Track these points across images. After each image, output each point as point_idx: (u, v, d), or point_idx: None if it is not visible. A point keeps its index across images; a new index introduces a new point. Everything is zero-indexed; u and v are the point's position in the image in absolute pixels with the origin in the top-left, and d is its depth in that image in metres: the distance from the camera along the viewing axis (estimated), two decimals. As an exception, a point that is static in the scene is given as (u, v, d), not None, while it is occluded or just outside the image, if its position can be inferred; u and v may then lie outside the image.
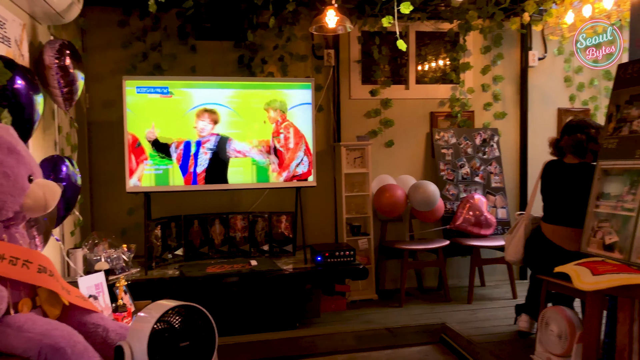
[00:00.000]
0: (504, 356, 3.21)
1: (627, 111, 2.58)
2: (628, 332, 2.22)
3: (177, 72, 4.35)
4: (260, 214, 4.28)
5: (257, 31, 4.38)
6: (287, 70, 4.56)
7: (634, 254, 2.33)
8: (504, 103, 5.14)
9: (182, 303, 1.85)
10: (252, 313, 3.75)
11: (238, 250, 4.22)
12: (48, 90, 2.98)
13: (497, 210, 4.90)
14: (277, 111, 4.01)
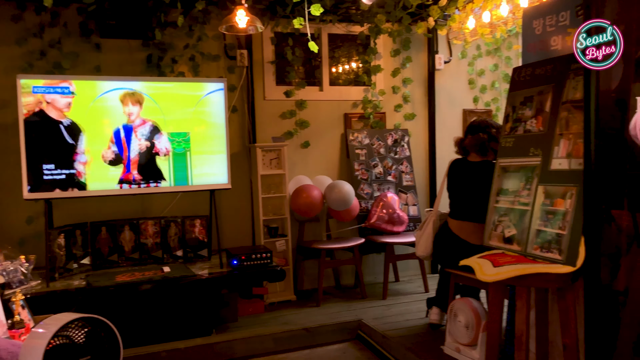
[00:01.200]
0: (416, 348, 3.33)
1: (522, 112, 2.76)
2: (525, 319, 2.37)
3: (81, 71, 4.11)
4: (172, 218, 4.14)
5: (166, 30, 4.24)
6: (198, 70, 4.45)
7: (530, 245, 2.50)
8: (414, 104, 5.33)
9: (83, 315, 1.75)
10: (167, 321, 3.62)
11: (150, 257, 4.06)
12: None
13: (409, 208, 5.08)
14: (190, 111, 3.91)
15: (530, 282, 2.34)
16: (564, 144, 2.44)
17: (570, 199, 2.35)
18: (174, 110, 3.90)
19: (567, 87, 2.49)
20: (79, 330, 1.76)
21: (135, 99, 3.79)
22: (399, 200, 4.92)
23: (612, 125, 2.23)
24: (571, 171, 2.37)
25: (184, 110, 3.93)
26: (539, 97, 2.66)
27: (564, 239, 2.33)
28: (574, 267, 2.25)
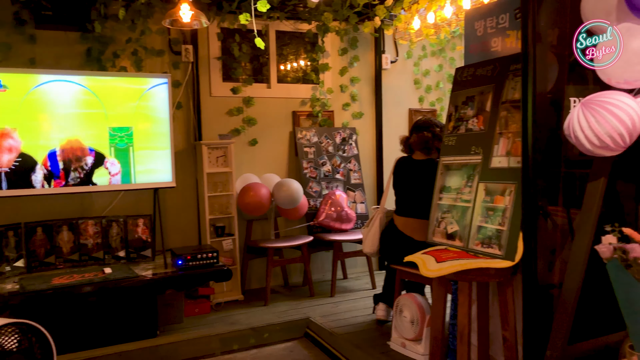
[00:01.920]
0: (363, 345, 3.36)
1: (464, 111, 2.83)
2: (467, 313, 2.43)
3: (14, 63, 3.90)
4: (114, 218, 4.00)
5: (107, 22, 4.09)
6: (141, 66, 4.31)
7: (471, 241, 2.57)
8: (361, 103, 5.38)
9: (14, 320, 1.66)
10: (109, 324, 3.49)
11: (90, 258, 3.90)
12: None
13: (357, 205, 5.12)
14: (132, 105, 3.79)
15: (472, 277, 2.40)
16: (503, 143, 2.52)
17: (509, 196, 2.42)
18: (115, 104, 3.77)
19: (507, 88, 2.57)
20: (10, 336, 1.67)
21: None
22: (347, 198, 4.95)
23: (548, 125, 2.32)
24: (510, 169, 2.45)
25: (126, 104, 3.80)
26: (480, 97, 2.73)
27: (504, 234, 2.40)
28: (513, 261, 2.33)
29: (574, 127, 1.98)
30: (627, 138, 1.91)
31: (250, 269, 4.80)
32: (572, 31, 2.37)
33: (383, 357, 3.16)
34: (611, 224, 1.42)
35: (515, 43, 2.61)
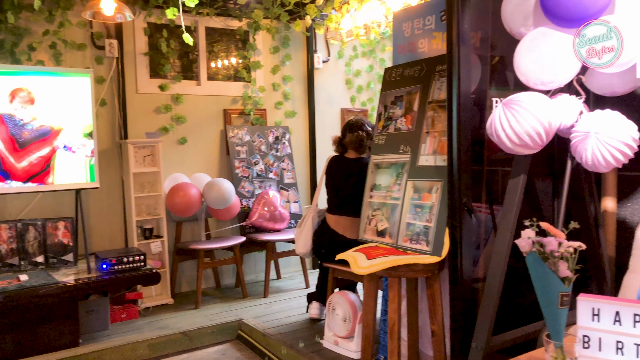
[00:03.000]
0: (296, 344, 3.35)
1: (393, 111, 2.88)
2: (397, 309, 2.47)
3: None
4: (31, 221, 3.75)
5: (21, 13, 3.83)
6: (60, 60, 4.08)
7: (400, 238, 2.61)
8: (294, 102, 5.36)
9: None
10: (26, 335, 3.27)
11: (4, 264, 3.64)
12: None
13: (291, 205, 5.10)
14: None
15: (401, 273, 2.44)
16: (430, 142, 2.58)
17: (436, 193, 2.49)
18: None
19: (433, 88, 2.64)
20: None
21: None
22: (281, 198, 4.92)
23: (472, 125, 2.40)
24: (436, 167, 2.52)
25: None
26: (408, 97, 2.79)
27: (431, 231, 2.46)
28: (440, 257, 2.40)
29: (496, 126, 2.06)
30: (544, 137, 2.00)
31: (180, 271, 4.66)
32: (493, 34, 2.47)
33: (316, 356, 3.16)
34: (530, 219, 1.48)
35: (441, 44, 2.68)
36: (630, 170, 2.26)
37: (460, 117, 2.24)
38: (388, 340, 2.49)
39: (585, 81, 2.07)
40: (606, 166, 1.96)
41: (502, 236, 2.13)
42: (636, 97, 2.24)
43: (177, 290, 4.61)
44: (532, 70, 2.00)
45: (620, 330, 1.33)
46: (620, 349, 1.33)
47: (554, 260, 1.38)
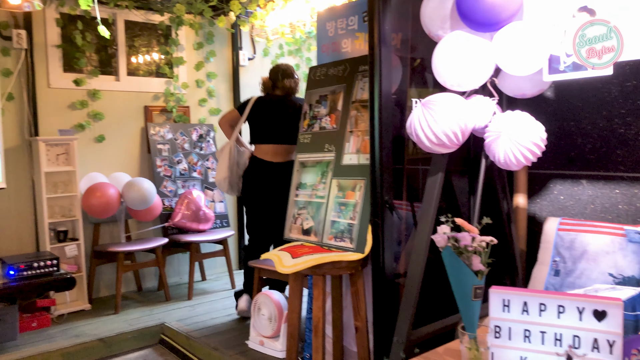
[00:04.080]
0: (221, 346, 3.29)
1: (318, 110, 2.89)
2: (322, 306, 2.49)
3: None
4: None
5: None
6: (-39, 50, 3.78)
7: (325, 236, 2.63)
8: (219, 100, 5.27)
9: None
10: None
11: None
12: None
13: (216, 205, 5.00)
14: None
15: (326, 271, 2.46)
16: (353, 141, 2.62)
17: (360, 191, 2.53)
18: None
19: (356, 88, 2.68)
20: None
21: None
22: (205, 197, 4.81)
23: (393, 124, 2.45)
24: (360, 165, 2.56)
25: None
26: (332, 97, 2.81)
27: (355, 228, 2.50)
28: (363, 254, 2.44)
29: (415, 126, 2.11)
30: (460, 136, 2.08)
31: (98, 275, 4.45)
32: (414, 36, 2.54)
33: (241, 357, 3.12)
34: (445, 215, 1.53)
35: (363, 45, 2.73)
36: (540, 168, 2.40)
37: (382, 116, 2.28)
38: (312, 337, 2.50)
39: (498, 83, 2.17)
40: (517, 164, 2.07)
41: (422, 232, 2.19)
42: (544, 100, 2.38)
43: (95, 295, 4.40)
44: (449, 72, 2.07)
45: (528, 319, 1.40)
46: (527, 337, 1.40)
47: (468, 255, 1.43)
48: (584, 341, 1.34)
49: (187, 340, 3.47)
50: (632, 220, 2.10)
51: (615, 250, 2.02)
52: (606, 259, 2.04)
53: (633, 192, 2.11)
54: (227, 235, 4.69)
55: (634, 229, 1.97)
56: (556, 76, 1.86)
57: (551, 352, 1.37)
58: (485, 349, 1.43)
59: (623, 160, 2.13)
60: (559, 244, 2.19)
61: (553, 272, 2.20)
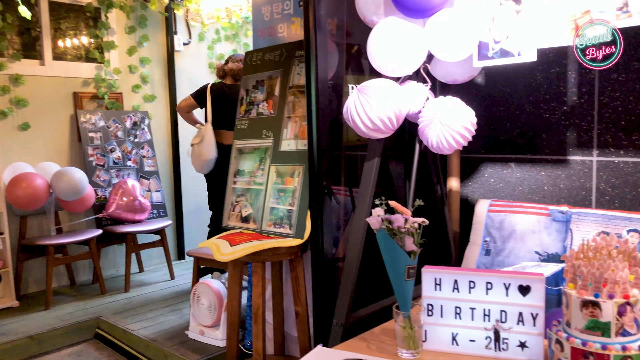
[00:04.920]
0: (159, 338, 3.22)
1: (255, 95, 2.86)
2: (261, 293, 2.48)
3: None
4: None
5: None
6: None
7: (264, 222, 2.62)
8: (153, 86, 5.10)
9: None
10: None
11: None
12: None
13: (152, 194, 4.87)
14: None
15: (265, 258, 2.45)
16: (291, 127, 2.61)
17: (298, 177, 2.53)
18: None
19: (293, 73, 2.66)
20: None
21: None
22: (141, 187, 4.67)
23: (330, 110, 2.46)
24: (298, 151, 2.55)
25: None
26: (269, 82, 2.78)
27: (293, 214, 2.50)
28: (302, 239, 2.44)
29: (351, 111, 2.13)
30: (395, 121, 2.11)
31: (26, 270, 4.24)
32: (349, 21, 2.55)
33: (181, 348, 3.07)
34: (379, 198, 1.55)
35: (299, 30, 2.71)
36: (472, 152, 2.49)
37: (319, 102, 2.28)
38: (252, 324, 2.49)
39: (430, 69, 2.22)
40: (449, 148, 2.13)
41: (359, 216, 2.22)
42: (475, 86, 2.46)
43: (23, 291, 4.19)
44: (383, 57, 2.09)
45: (458, 296, 1.46)
46: (458, 313, 1.46)
47: (401, 236, 1.46)
48: (510, 315, 1.41)
49: (124, 334, 3.37)
50: (556, 201, 2.21)
51: (541, 229, 2.13)
52: (532, 238, 2.14)
53: (557, 173, 2.22)
54: (165, 225, 4.58)
55: (557, 208, 2.08)
56: (485, 62, 1.92)
57: (480, 327, 1.43)
58: (418, 327, 1.47)
59: (548, 143, 2.23)
60: (489, 225, 2.28)
61: (484, 251, 2.29)
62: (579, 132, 2.13)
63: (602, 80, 2.03)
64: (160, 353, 3.08)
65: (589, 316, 1.20)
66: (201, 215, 5.37)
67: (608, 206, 2.05)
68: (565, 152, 2.19)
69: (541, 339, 1.39)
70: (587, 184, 2.13)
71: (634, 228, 1.84)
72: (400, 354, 1.51)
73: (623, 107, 1.98)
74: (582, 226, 2.00)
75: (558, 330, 1.28)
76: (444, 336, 1.48)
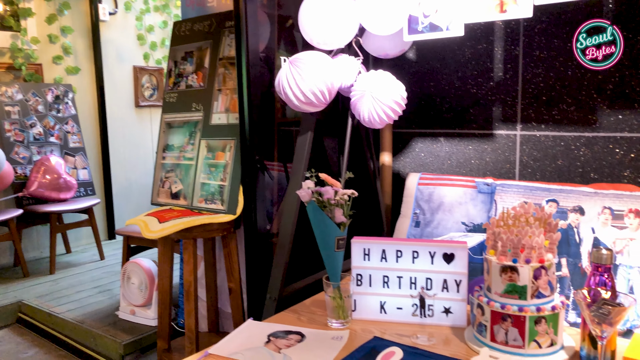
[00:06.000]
0: (88, 320, 3.11)
1: (184, 67, 2.76)
2: (193, 270, 2.43)
3: None
4: None
5: None
6: None
7: (195, 199, 2.55)
8: (77, 57, 4.82)
9: None
10: None
11: None
12: None
13: (78, 172, 4.64)
14: None
15: (196, 234, 2.40)
16: (222, 99, 2.54)
17: (230, 152, 2.47)
18: None
19: (223, 44, 2.59)
20: None
21: None
22: (66, 164, 4.44)
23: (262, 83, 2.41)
24: (229, 125, 2.50)
25: None
26: (198, 53, 2.69)
27: (225, 189, 2.45)
28: (235, 215, 2.40)
29: (283, 84, 2.09)
30: (327, 95, 2.10)
31: (-62, 254, 3.95)
32: (281, -7, 2.49)
33: (111, 329, 2.98)
34: (309, 170, 1.54)
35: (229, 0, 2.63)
36: (403, 127, 2.52)
37: (250, 74, 2.23)
38: (184, 302, 2.44)
39: (363, 43, 2.21)
40: (380, 123, 2.15)
41: (292, 190, 2.20)
42: (407, 61, 2.48)
43: None
44: (315, 29, 2.06)
45: (386, 266, 1.48)
46: (386, 282, 1.48)
47: (331, 208, 1.46)
48: (435, 282, 1.45)
49: (48, 317, 3.23)
50: (483, 174, 2.29)
51: (467, 201, 2.20)
52: (459, 209, 2.21)
53: (484, 147, 2.30)
54: (93, 203, 4.39)
55: (483, 180, 2.15)
56: (415, 36, 1.94)
57: (407, 295, 1.46)
58: (347, 297, 1.49)
59: (475, 118, 2.30)
60: (419, 198, 2.33)
61: (414, 223, 2.34)
62: (504, 107, 2.20)
63: (526, 57, 2.10)
64: (89, 335, 2.98)
65: (508, 280, 1.25)
66: (132, 193, 5.19)
67: (530, 178, 2.15)
68: (492, 126, 2.26)
69: (464, 304, 1.44)
70: (511, 157, 2.21)
71: (553, 198, 1.93)
72: (330, 323, 1.52)
73: (544, 83, 2.06)
74: (506, 197, 2.08)
75: (479, 295, 1.33)
76: (372, 305, 1.51)
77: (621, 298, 1.14)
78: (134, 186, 5.24)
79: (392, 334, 1.42)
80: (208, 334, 2.72)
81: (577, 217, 1.70)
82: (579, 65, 1.94)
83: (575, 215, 1.70)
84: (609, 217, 1.61)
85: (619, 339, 1.31)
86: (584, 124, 1.97)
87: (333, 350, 1.35)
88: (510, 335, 1.25)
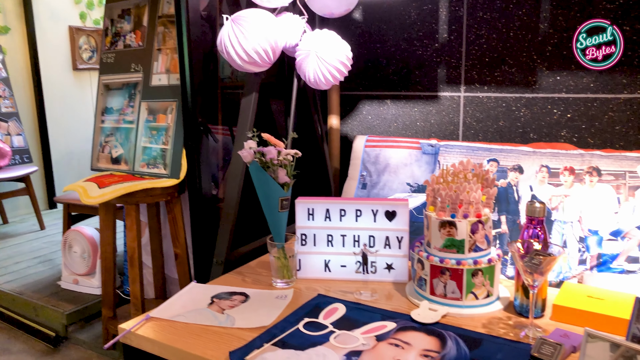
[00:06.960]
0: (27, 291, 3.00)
1: (121, 25, 2.62)
2: (136, 237, 2.37)
3: None
4: None
5: None
6: None
7: (137, 163, 2.47)
8: (6, 16, 4.51)
9: None
10: None
11: None
12: None
13: (12, 138, 4.40)
14: None
15: (139, 199, 2.33)
16: (162, 60, 2.44)
17: (172, 114, 2.39)
18: None
19: (162, 1, 2.47)
20: None
21: None
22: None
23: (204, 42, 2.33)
24: (170, 86, 2.41)
25: None
26: (136, 11, 2.56)
27: (168, 153, 2.38)
28: (178, 179, 2.34)
29: (225, 43, 2.02)
30: (271, 54, 2.04)
31: None
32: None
33: (52, 299, 2.88)
34: (251, 130, 1.51)
35: (168, -47, 2.49)
36: (350, 90, 2.50)
37: (191, 33, 2.14)
38: (129, 268, 2.39)
39: (307, 2, 2.16)
40: (326, 83, 2.12)
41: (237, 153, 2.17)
42: (354, 22, 2.45)
43: None
44: (258, -14, 2.00)
45: (330, 225, 1.48)
46: (330, 241, 1.49)
47: (274, 168, 1.44)
48: (378, 240, 1.46)
49: (-15, 290, 3.09)
50: (428, 135, 2.32)
51: (412, 162, 2.23)
52: (405, 170, 2.24)
53: (429, 109, 2.31)
54: (30, 171, 4.19)
55: (427, 142, 2.18)
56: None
57: (350, 253, 1.47)
58: (292, 257, 1.48)
59: (420, 80, 2.31)
60: (365, 160, 2.34)
61: (361, 185, 2.36)
62: (449, 68, 2.22)
63: (470, 19, 2.11)
64: (29, 306, 2.88)
65: (446, 235, 1.28)
66: (73, 160, 4.99)
67: (473, 139, 2.19)
68: (436, 88, 2.28)
69: (406, 260, 1.47)
70: (455, 119, 2.24)
71: (494, 158, 1.98)
72: (274, 284, 1.52)
73: (487, 45, 2.08)
74: (449, 157, 2.12)
75: (420, 250, 1.35)
76: (317, 264, 1.51)
77: (552, 249, 1.18)
78: (75, 153, 5.03)
79: (336, 291, 1.44)
80: (155, 300, 2.68)
81: (517, 175, 1.75)
82: (520, 26, 1.97)
83: (514, 173, 1.75)
84: (545, 175, 1.67)
85: (552, 289, 1.37)
86: (525, 85, 2.01)
87: (277, 309, 1.35)
88: (449, 288, 1.29)
